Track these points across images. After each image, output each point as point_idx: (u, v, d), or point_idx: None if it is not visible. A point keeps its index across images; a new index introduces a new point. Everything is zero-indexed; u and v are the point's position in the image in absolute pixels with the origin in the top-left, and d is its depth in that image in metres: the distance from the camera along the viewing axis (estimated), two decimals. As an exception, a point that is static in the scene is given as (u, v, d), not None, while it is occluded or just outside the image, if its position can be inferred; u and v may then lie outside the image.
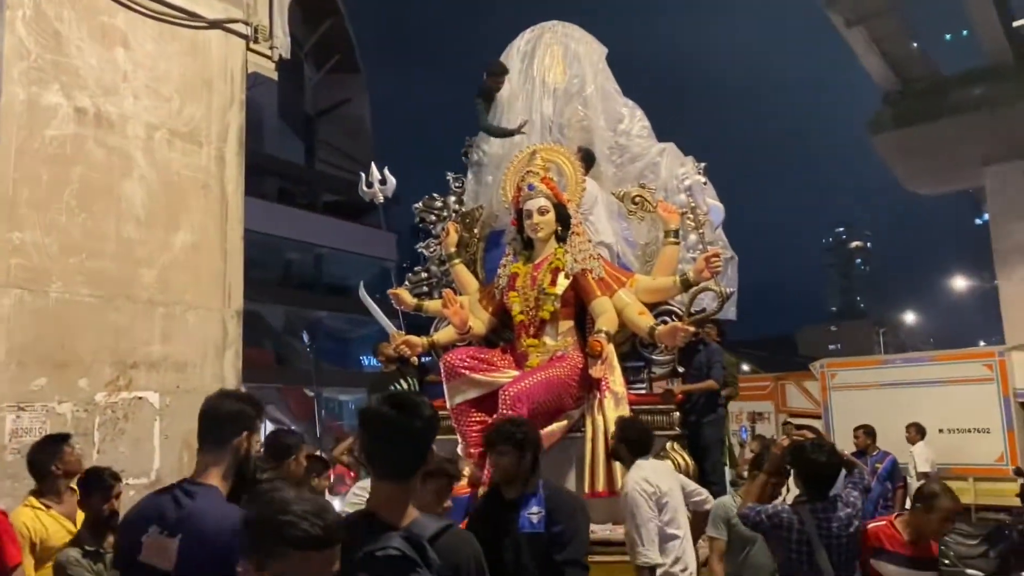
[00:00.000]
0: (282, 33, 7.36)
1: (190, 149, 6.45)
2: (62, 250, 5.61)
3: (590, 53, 7.05)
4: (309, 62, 39.42)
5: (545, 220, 6.10)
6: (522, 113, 6.91)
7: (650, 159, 6.73)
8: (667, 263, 6.12)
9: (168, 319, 6.14)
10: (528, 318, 6.10)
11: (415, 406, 2.26)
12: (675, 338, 5.52)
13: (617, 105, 6.95)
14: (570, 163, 6.41)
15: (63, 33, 5.76)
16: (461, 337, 6.28)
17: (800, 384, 15.18)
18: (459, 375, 5.81)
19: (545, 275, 6.08)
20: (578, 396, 5.78)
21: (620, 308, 5.92)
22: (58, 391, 5.46)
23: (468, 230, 7.13)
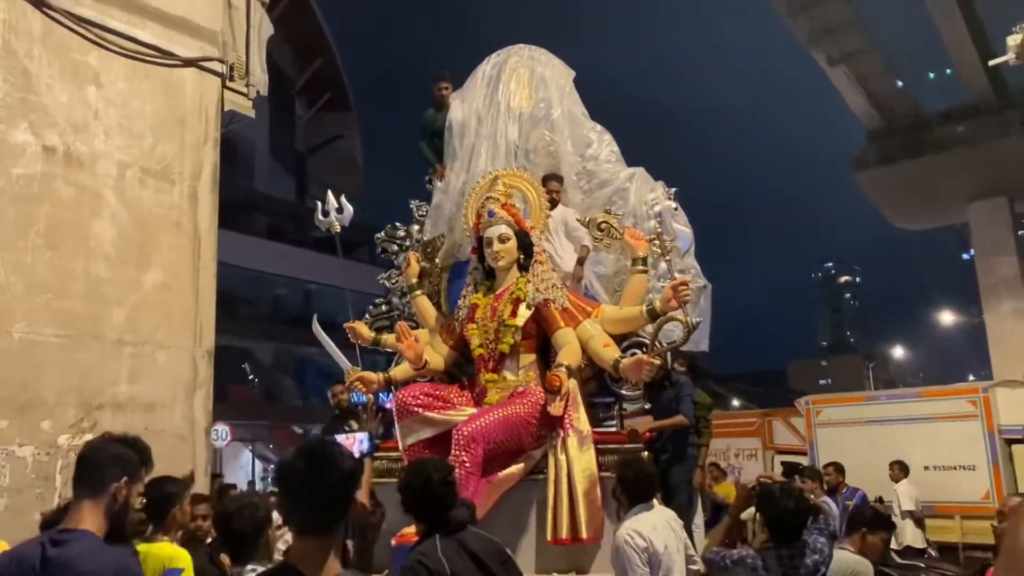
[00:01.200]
0: (260, 71, 7.36)
1: (162, 187, 6.40)
2: (28, 289, 5.52)
3: (557, 76, 6.83)
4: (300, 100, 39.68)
5: (506, 248, 5.82)
6: (485, 139, 6.67)
7: (619, 184, 6.49)
8: (635, 292, 5.85)
9: (137, 359, 6.05)
10: (487, 351, 5.79)
11: (331, 458, 2.12)
12: (640, 371, 5.19)
13: (585, 129, 6.73)
14: (533, 189, 6.15)
15: (33, 71, 5.73)
16: (419, 373, 5.94)
17: (787, 420, 15.08)
18: (411, 413, 5.47)
19: (506, 306, 5.78)
20: (539, 435, 5.44)
21: (585, 340, 5.63)
22: (19, 434, 5.35)
23: (430, 260, 6.86)
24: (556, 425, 5.40)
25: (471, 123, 6.81)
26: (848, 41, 25.07)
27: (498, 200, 5.88)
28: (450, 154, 6.92)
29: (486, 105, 6.78)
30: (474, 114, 6.83)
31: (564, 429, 5.38)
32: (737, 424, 15.84)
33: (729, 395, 39.13)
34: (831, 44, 25.10)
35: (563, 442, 5.35)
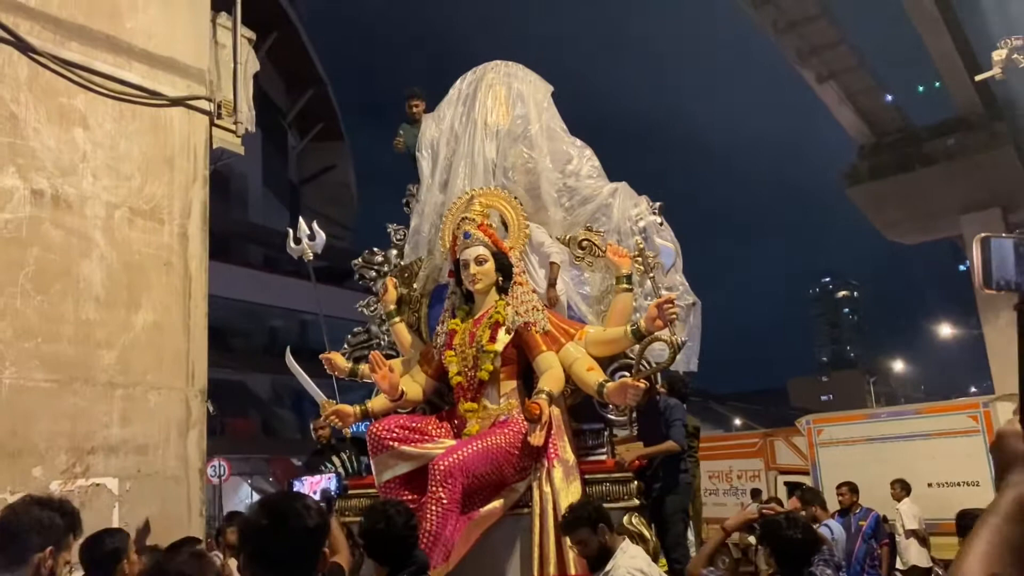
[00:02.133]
0: (247, 108, 7.37)
1: (151, 227, 6.38)
2: (17, 335, 5.48)
3: (535, 92, 6.60)
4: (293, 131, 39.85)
5: (483, 271, 5.57)
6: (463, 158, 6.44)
7: (601, 200, 6.20)
8: (620, 312, 5.57)
9: (128, 401, 5.99)
10: (466, 379, 5.52)
11: (295, 514, 2.00)
12: (625, 396, 4.91)
13: (564, 144, 6.46)
14: (511, 208, 5.96)
15: (19, 116, 5.73)
16: (397, 404, 5.66)
17: (789, 440, 15.00)
18: (386, 448, 5.19)
19: (484, 331, 5.52)
20: (522, 467, 5.16)
21: (568, 364, 5.36)
22: (10, 481, 5.27)
23: (408, 285, 6.57)
24: (540, 456, 5.15)
25: (447, 141, 6.62)
26: (836, 58, 25.29)
27: (474, 220, 5.68)
28: (426, 174, 6.71)
29: (462, 123, 6.59)
30: (450, 132, 6.64)
31: (548, 459, 5.13)
32: (739, 445, 15.77)
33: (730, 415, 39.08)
34: (819, 62, 25.33)
35: (548, 473, 5.10)
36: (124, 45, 6.45)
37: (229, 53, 7.38)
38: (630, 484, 5.29)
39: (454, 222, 5.89)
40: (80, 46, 6.16)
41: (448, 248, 5.95)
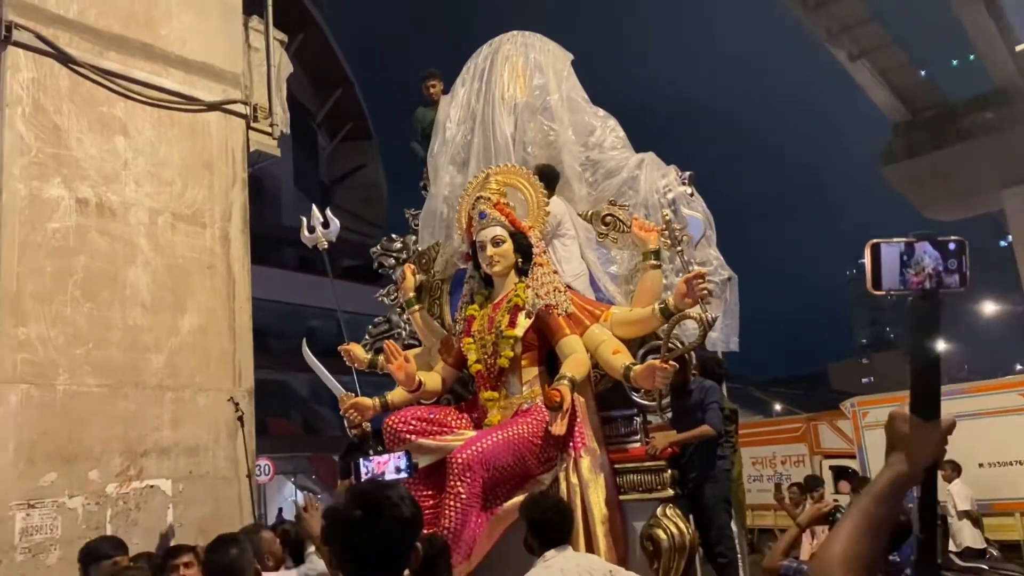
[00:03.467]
0: (281, 110, 7.44)
1: (194, 231, 6.47)
2: (68, 341, 5.59)
3: (554, 61, 6.23)
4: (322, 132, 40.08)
5: (500, 252, 5.25)
6: (480, 135, 6.10)
7: (627, 173, 5.79)
8: (649, 290, 5.18)
9: (178, 403, 6.09)
10: (486, 367, 5.20)
11: (389, 504, 1.92)
12: (654, 379, 4.56)
13: (586, 115, 6.07)
14: (530, 185, 5.58)
15: (62, 127, 5.83)
16: (416, 396, 5.36)
17: (833, 423, 14.78)
18: (403, 441, 4.89)
19: (503, 316, 5.21)
20: (547, 458, 4.85)
21: (593, 347, 5.02)
22: (68, 485, 5.39)
23: (427, 271, 6.26)
24: (566, 445, 4.86)
25: (464, 119, 6.31)
26: (867, 36, 24.81)
27: (490, 200, 5.35)
28: (442, 155, 6.38)
29: (479, 99, 6.23)
30: (467, 109, 6.30)
31: (575, 449, 4.85)
32: (782, 430, 15.58)
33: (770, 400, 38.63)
34: (850, 40, 24.85)
35: (575, 464, 4.83)
36: (160, 52, 6.54)
37: (262, 56, 7.45)
38: (663, 473, 4.98)
39: (470, 202, 5.55)
40: (118, 55, 6.26)
41: (464, 230, 5.64)
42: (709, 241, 5.60)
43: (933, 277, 1.23)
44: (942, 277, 1.23)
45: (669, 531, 4.79)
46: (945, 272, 1.23)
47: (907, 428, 1.24)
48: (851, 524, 1.22)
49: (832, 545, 1.21)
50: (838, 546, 1.20)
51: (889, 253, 1.24)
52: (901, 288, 1.24)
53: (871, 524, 1.21)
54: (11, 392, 5.27)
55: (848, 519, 1.23)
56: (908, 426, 1.24)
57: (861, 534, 1.21)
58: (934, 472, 1.26)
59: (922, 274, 1.23)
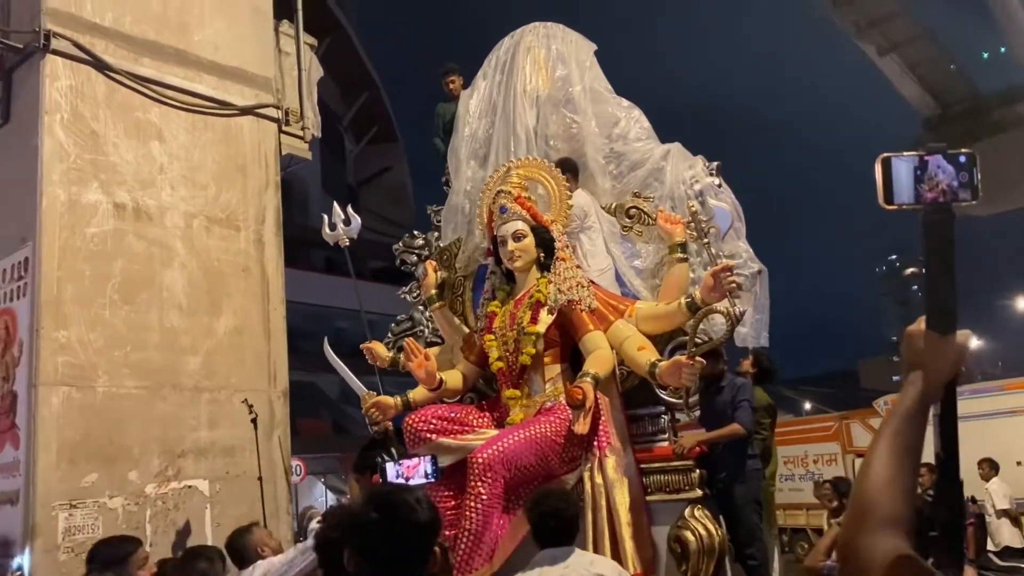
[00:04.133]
0: (312, 114, 7.50)
1: (228, 234, 6.54)
2: (107, 344, 5.68)
3: (576, 51, 6.09)
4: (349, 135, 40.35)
5: (522, 247, 5.13)
6: (501, 129, 6.02)
7: (653, 164, 5.65)
8: (675, 285, 5.05)
9: (214, 404, 6.16)
10: (508, 365, 5.09)
11: (406, 507, 1.90)
12: (679, 376, 4.40)
13: (610, 106, 5.92)
14: (551, 178, 5.46)
15: (100, 132, 5.92)
16: (438, 394, 5.27)
17: (865, 422, 14.59)
18: (423, 441, 4.80)
19: (525, 312, 5.09)
20: (571, 457, 4.73)
21: (618, 343, 4.89)
22: (109, 486, 5.48)
23: (449, 268, 6.17)
24: (590, 445, 4.73)
25: (485, 112, 6.20)
26: (896, 30, 24.53)
27: (510, 194, 5.22)
28: (463, 149, 6.25)
29: (500, 92, 6.12)
30: (488, 103, 6.19)
31: (600, 449, 4.70)
32: (813, 429, 15.44)
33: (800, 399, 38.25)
34: (879, 34, 24.60)
35: (600, 464, 4.67)
36: (193, 58, 6.62)
37: (292, 61, 7.52)
38: (691, 473, 4.84)
39: (490, 197, 5.42)
40: (152, 61, 6.35)
41: (485, 225, 5.52)
42: (738, 233, 5.43)
43: (947, 192, 1.22)
44: (956, 191, 1.22)
45: (697, 533, 4.68)
46: (959, 186, 1.22)
47: (923, 344, 1.22)
48: (885, 446, 1.20)
49: (871, 470, 1.19)
50: (879, 469, 1.19)
51: (901, 168, 1.22)
52: (914, 203, 1.22)
53: (905, 443, 1.20)
54: (53, 394, 5.36)
55: (880, 443, 1.21)
56: (924, 342, 1.22)
57: (898, 455, 1.19)
58: (953, 388, 1.24)
59: (936, 189, 1.22)
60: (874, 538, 1.15)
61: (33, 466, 5.23)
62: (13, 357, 5.55)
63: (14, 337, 5.60)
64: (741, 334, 5.14)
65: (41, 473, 5.22)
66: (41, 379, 5.33)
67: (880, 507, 1.16)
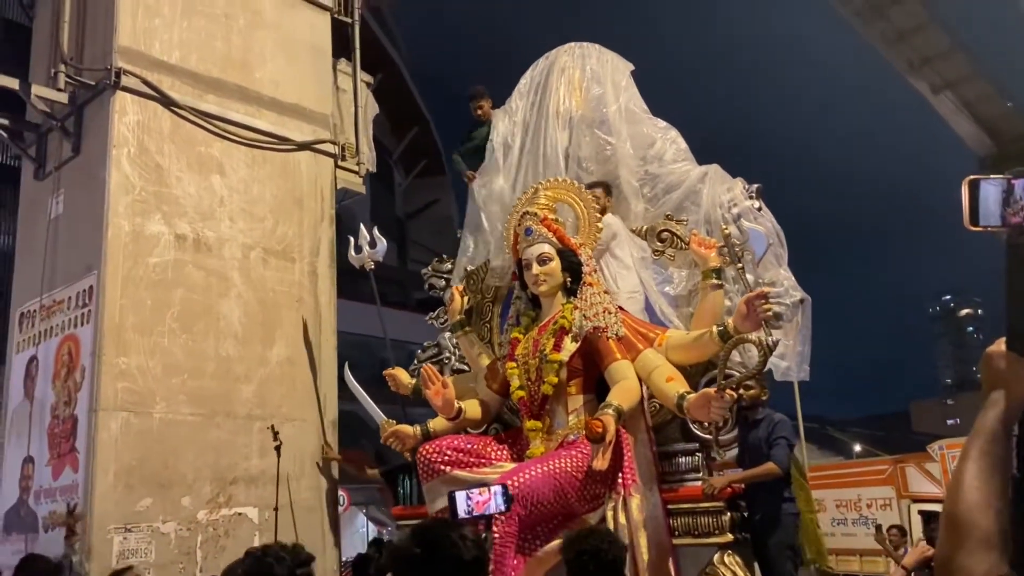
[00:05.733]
0: (368, 149, 7.66)
1: (283, 266, 6.69)
2: (165, 371, 5.82)
3: (612, 71, 5.94)
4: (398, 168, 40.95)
5: (547, 271, 4.90)
6: (532, 151, 5.90)
7: (689, 187, 5.41)
8: (709, 312, 4.74)
9: (265, 433, 6.24)
10: (529, 394, 4.83)
11: (450, 545, 1.85)
12: (708, 410, 4.12)
13: (645, 127, 5.73)
14: (580, 200, 5.25)
15: (164, 166, 6.13)
16: (458, 424, 5.04)
17: (921, 466, 14.17)
18: (437, 473, 4.58)
19: (548, 339, 4.84)
20: (593, 495, 4.44)
21: (646, 373, 4.58)
22: (162, 511, 5.58)
23: (477, 293, 5.97)
24: (614, 482, 4.44)
25: (518, 135, 6.06)
26: (950, 67, 24.22)
27: (536, 215, 5.02)
28: (494, 171, 6.11)
29: (533, 113, 5.99)
30: (522, 125, 6.06)
31: (625, 487, 4.40)
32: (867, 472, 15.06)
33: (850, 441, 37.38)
34: (932, 72, 24.30)
35: (624, 503, 4.38)
36: (254, 95, 6.83)
37: (349, 97, 7.70)
38: (722, 516, 4.51)
39: (517, 218, 5.23)
40: (216, 97, 6.56)
41: (511, 247, 5.30)
42: (779, 260, 5.12)
43: None
44: None
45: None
46: None
47: (1004, 364, 1.23)
48: (975, 467, 1.20)
49: (963, 490, 1.18)
50: (971, 490, 1.18)
51: (988, 190, 1.24)
52: (999, 225, 1.24)
53: (994, 462, 1.19)
54: (112, 419, 5.50)
55: (968, 464, 1.20)
56: (1005, 362, 1.23)
57: (988, 474, 1.18)
58: None
59: (1020, 213, 1.23)
60: (973, 557, 1.15)
61: (91, 489, 5.35)
62: (76, 382, 5.71)
63: (77, 363, 5.77)
64: (781, 368, 4.95)
65: (98, 496, 5.34)
66: (101, 404, 5.48)
67: (976, 526, 1.16)
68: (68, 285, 6.01)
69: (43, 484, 5.83)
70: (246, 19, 6.90)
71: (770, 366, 4.78)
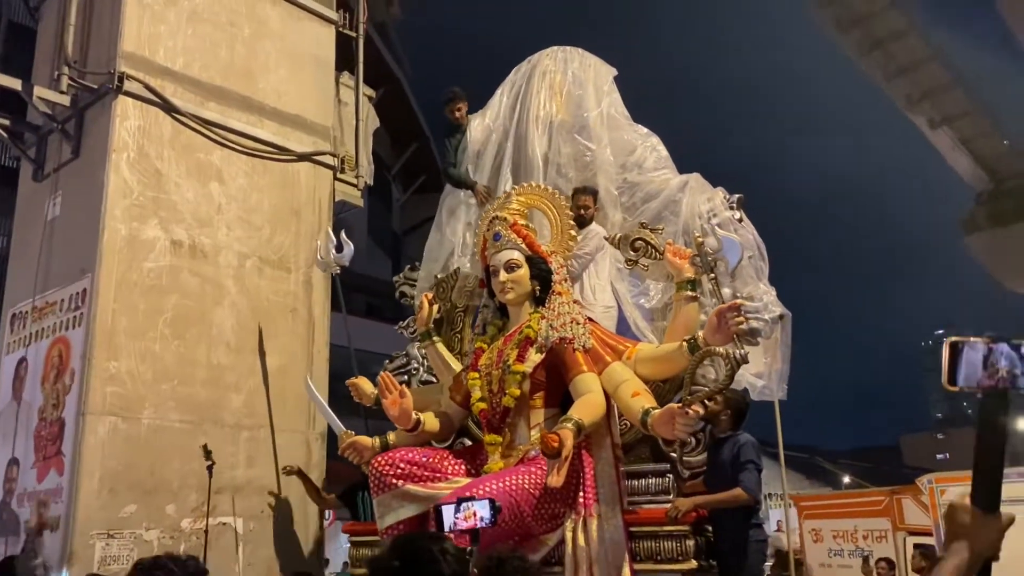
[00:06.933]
0: (367, 162, 7.67)
1: (279, 275, 6.67)
2: (155, 377, 5.79)
3: (595, 76, 5.78)
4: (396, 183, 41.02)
5: (514, 278, 4.67)
6: (510, 155, 5.73)
7: (668, 196, 5.20)
8: (683, 325, 4.48)
9: (253, 443, 6.22)
10: (490, 406, 4.59)
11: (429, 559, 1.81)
12: (672, 427, 3.85)
13: (626, 133, 5.58)
14: (554, 206, 5.04)
15: (163, 171, 6.12)
16: (419, 437, 4.75)
17: (917, 498, 14.08)
18: (389, 487, 4.34)
19: (512, 349, 4.61)
20: (552, 514, 4.21)
21: (613, 387, 4.34)
22: (146, 518, 5.53)
23: (447, 301, 5.77)
24: (574, 502, 4.23)
25: (496, 140, 5.88)
26: (949, 103, 24.47)
27: (506, 220, 4.82)
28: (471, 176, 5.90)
29: (513, 116, 5.81)
30: (499, 129, 5.88)
31: (585, 507, 4.20)
32: (863, 503, 14.98)
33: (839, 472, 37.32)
34: (931, 106, 24.55)
35: (583, 524, 4.19)
36: (257, 104, 6.84)
37: (351, 110, 7.72)
38: (687, 541, 4.29)
39: (486, 224, 5.03)
40: (218, 106, 6.57)
41: (480, 253, 5.09)
42: (759, 273, 4.89)
43: (1006, 379, 1.28)
44: (1016, 379, 1.29)
45: None
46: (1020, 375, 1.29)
47: (968, 519, 1.28)
48: None
49: None
50: None
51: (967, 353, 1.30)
52: (975, 386, 1.29)
53: None
54: (100, 423, 5.46)
55: None
56: (969, 517, 1.28)
57: None
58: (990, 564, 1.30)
59: (996, 376, 1.28)
60: None
61: (75, 494, 5.30)
62: (65, 385, 5.67)
63: (67, 365, 5.73)
64: (757, 387, 4.75)
65: (82, 501, 5.29)
66: (89, 408, 5.44)
67: None
68: (61, 287, 5.99)
69: (27, 487, 5.78)
70: (251, 29, 6.92)
71: (745, 385, 4.65)
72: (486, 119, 5.98)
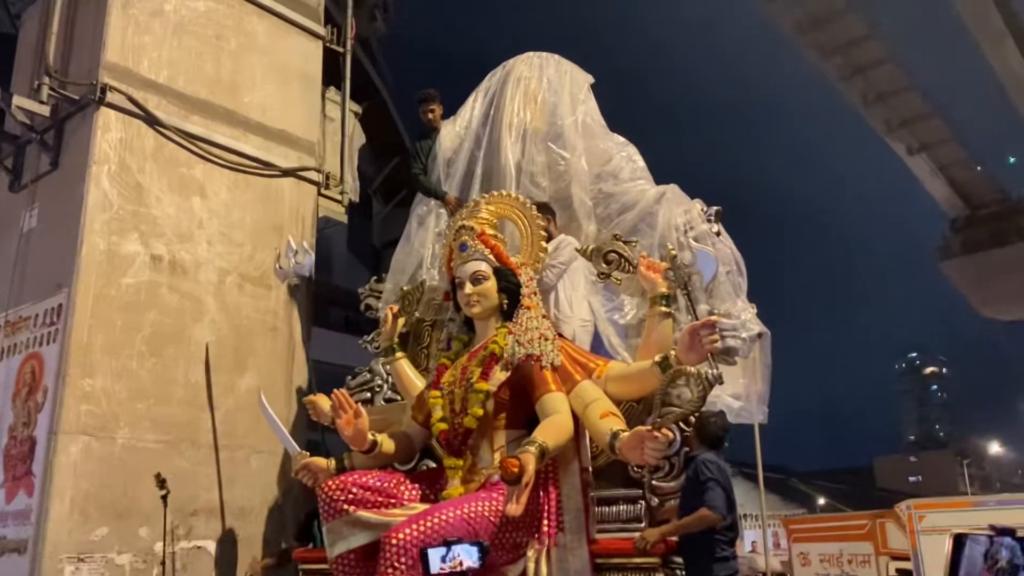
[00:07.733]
0: (352, 179, 7.59)
1: (260, 292, 6.56)
2: (131, 396, 5.65)
3: (570, 83, 5.62)
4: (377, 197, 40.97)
5: (481, 291, 4.44)
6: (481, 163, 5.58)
7: (644, 207, 5.03)
8: (656, 342, 4.23)
9: (231, 464, 6.08)
10: (451, 427, 4.29)
11: None
12: (641, 450, 3.59)
13: (602, 141, 5.40)
14: (524, 216, 4.79)
15: (144, 185, 6.01)
16: (376, 458, 4.41)
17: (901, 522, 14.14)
18: (340, 512, 4.05)
19: (476, 367, 4.35)
20: (513, 544, 3.97)
21: (582, 408, 4.08)
22: (118, 541, 5.38)
23: (413, 315, 5.53)
24: (537, 531, 4.00)
25: (465, 147, 5.72)
26: (927, 130, 24.81)
27: (473, 230, 4.58)
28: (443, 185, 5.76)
29: (486, 123, 5.66)
30: (470, 136, 5.71)
31: (550, 536, 3.98)
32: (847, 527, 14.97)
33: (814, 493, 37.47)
34: (909, 134, 24.87)
35: (547, 555, 3.97)
36: (241, 118, 6.75)
37: (336, 126, 7.65)
38: (655, 573, 4.11)
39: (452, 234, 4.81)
40: (201, 119, 6.47)
41: (445, 264, 4.84)
42: (737, 290, 4.70)
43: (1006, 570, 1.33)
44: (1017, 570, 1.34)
45: None
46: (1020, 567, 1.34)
47: None
48: None
49: None
50: None
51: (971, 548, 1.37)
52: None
53: None
54: (72, 443, 5.32)
55: None
56: None
57: None
58: None
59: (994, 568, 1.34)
60: None
61: (45, 515, 5.15)
62: (37, 403, 5.52)
63: (40, 382, 5.58)
64: (735, 408, 4.56)
65: (52, 523, 5.14)
66: (62, 427, 5.29)
67: None
68: (36, 302, 5.84)
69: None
70: (238, 42, 6.84)
71: (721, 407, 4.45)
72: (457, 126, 5.83)
